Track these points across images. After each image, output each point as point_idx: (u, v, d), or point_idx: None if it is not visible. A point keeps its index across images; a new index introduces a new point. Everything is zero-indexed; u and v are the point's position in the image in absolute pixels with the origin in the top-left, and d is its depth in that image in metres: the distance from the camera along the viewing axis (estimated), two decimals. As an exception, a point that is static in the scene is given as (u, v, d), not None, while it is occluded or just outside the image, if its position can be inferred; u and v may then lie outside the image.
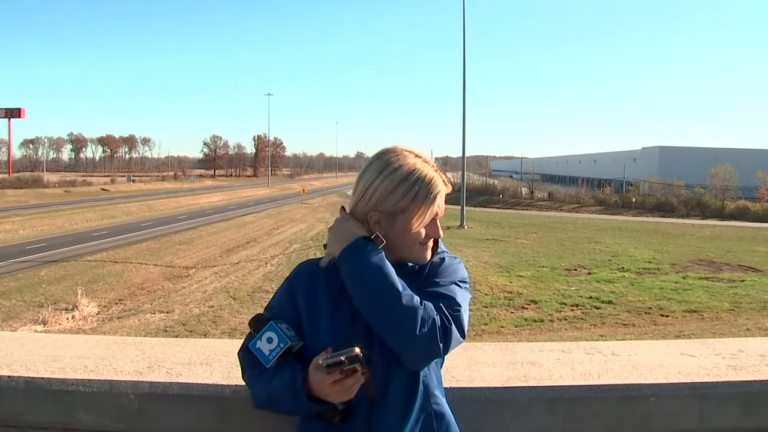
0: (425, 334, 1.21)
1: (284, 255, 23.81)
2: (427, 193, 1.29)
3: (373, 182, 1.29)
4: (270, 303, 1.41)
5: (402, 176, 1.28)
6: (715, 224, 36.50)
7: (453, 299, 1.29)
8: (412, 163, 1.30)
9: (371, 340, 1.27)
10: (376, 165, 1.31)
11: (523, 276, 17.50)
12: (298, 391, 1.25)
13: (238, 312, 14.87)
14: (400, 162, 1.30)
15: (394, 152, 1.33)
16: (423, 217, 1.30)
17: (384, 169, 1.30)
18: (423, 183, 1.29)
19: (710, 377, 1.69)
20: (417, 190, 1.28)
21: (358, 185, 1.33)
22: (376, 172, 1.30)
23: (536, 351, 1.93)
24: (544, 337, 11.94)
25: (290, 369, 1.28)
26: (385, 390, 1.28)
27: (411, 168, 1.29)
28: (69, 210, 44.30)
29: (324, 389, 1.22)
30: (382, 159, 1.32)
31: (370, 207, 1.30)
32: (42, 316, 15.58)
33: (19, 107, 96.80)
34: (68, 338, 2.25)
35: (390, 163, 1.30)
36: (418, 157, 1.32)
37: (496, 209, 50.98)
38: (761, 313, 13.30)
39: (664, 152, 60.58)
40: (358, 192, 1.32)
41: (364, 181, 1.31)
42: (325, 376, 1.21)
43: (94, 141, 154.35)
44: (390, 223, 1.30)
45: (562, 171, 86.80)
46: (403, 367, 1.28)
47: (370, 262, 1.24)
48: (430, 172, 1.31)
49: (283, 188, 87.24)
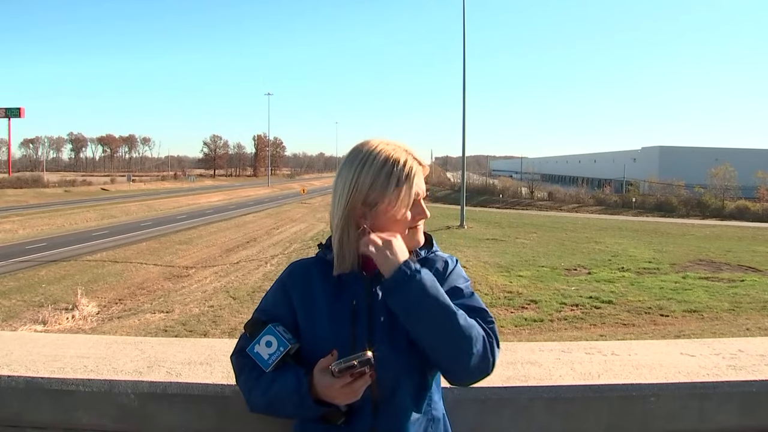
0: (480, 353, 1.22)
1: (284, 255, 23.81)
2: (405, 176, 1.28)
3: (352, 179, 1.27)
4: (262, 305, 1.38)
5: (378, 166, 1.27)
6: (715, 224, 36.46)
7: (485, 311, 1.30)
8: (384, 150, 1.29)
9: (375, 341, 1.26)
10: (350, 162, 1.30)
11: (523, 276, 17.49)
12: (304, 396, 1.23)
13: (237, 312, 14.86)
14: (372, 153, 1.29)
15: (364, 146, 1.31)
16: (405, 200, 1.29)
17: (359, 164, 1.28)
18: (398, 167, 1.27)
19: (710, 377, 1.69)
20: (394, 176, 1.27)
21: (337, 186, 1.31)
22: (352, 169, 1.28)
23: (536, 351, 1.92)
24: (544, 336, 11.94)
25: (293, 373, 1.26)
26: (394, 393, 1.27)
27: (384, 156, 1.28)
28: (69, 210, 44.30)
29: (332, 393, 1.21)
30: (354, 155, 1.30)
31: (354, 204, 1.28)
32: (42, 316, 15.59)
33: (19, 107, 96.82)
34: (68, 338, 2.24)
35: (363, 156, 1.29)
36: (388, 144, 1.31)
37: (496, 209, 50.96)
38: (761, 313, 13.29)
39: (664, 152, 60.57)
40: (339, 192, 1.29)
41: (343, 180, 1.29)
42: (335, 380, 1.19)
43: (94, 141, 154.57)
44: (376, 214, 1.28)
45: (562, 171, 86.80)
46: (414, 371, 1.28)
47: (426, 286, 1.20)
48: (403, 156, 1.29)
49: (283, 188, 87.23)
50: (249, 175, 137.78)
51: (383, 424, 1.27)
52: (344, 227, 1.29)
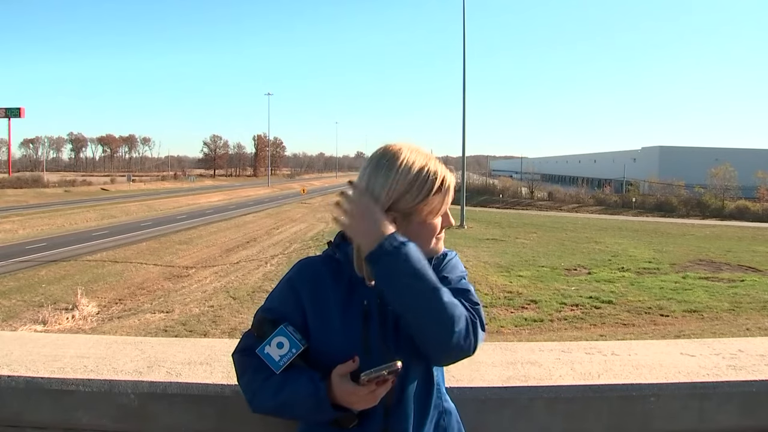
0: (462, 332, 1.20)
1: (284, 255, 23.80)
2: (441, 185, 1.28)
3: (385, 184, 1.25)
4: (268, 304, 1.33)
5: (414, 173, 1.26)
6: (715, 224, 36.47)
7: (469, 292, 1.29)
8: (419, 159, 1.28)
9: (386, 341, 1.25)
10: (382, 166, 1.26)
11: (523, 276, 17.49)
12: (322, 400, 1.21)
13: (238, 312, 14.86)
14: (408, 160, 1.27)
15: (397, 151, 1.28)
16: (439, 209, 1.29)
17: (393, 169, 1.25)
18: (436, 177, 1.27)
19: (710, 377, 1.69)
20: (431, 185, 1.26)
21: (367, 189, 1.26)
22: (384, 172, 1.26)
23: (536, 351, 1.92)
24: (544, 336, 11.93)
25: (307, 377, 1.23)
26: (402, 391, 1.27)
27: (421, 164, 1.27)
28: (69, 210, 44.30)
29: (353, 399, 1.20)
30: (388, 159, 1.27)
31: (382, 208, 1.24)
32: (42, 316, 15.58)
33: (19, 107, 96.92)
34: (68, 338, 2.24)
35: (399, 162, 1.26)
36: (419, 152, 1.30)
37: (496, 209, 50.99)
38: (761, 313, 13.29)
39: (664, 152, 60.57)
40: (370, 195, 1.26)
41: (372, 183, 1.26)
42: (359, 388, 1.18)
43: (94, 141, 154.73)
44: (406, 222, 1.27)
45: (562, 171, 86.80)
46: (420, 367, 1.28)
47: (414, 260, 1.18)
48: (439, 166, 1.29)
49: (283, 188, 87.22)
50: (249, 175, 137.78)
51: (395, 425, 1.26)
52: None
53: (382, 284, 1.21)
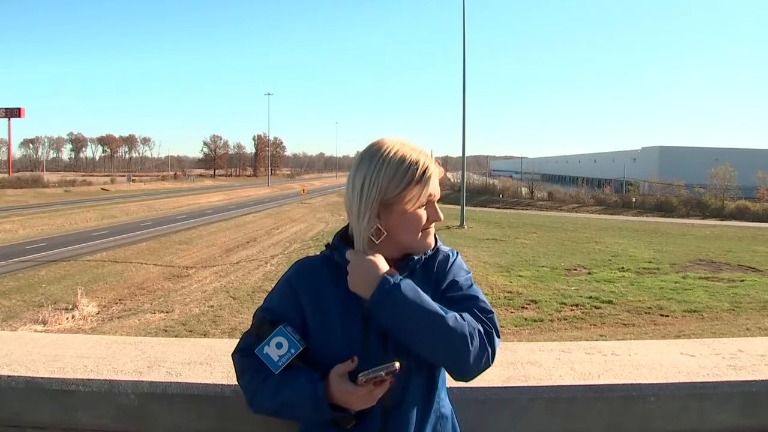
0: (477, 347, 1.21)
1: (284, 255, 23.80)
2: (422, 174, 1.27)
3: (370, 176, 1.26)
4: (267, 304, 1.34)
5: (396, 163, 1.26)
6: (715, 224, 36.43)
7: (482, 301, 1.29)
8: (402, 149, 1.28)
9: (385, 342, 1.26)
10: (367, 159, 1.28)
11: (523, 276, 17.49)
12: (320, 400, 1.21)
13: (238, 312, 14.86)
14: (391, 151, 1.28)
15: (382, 144, 1.30)
16: (418, 198, 1.28)
17: (377, 161, 1.27)
18: (416, 166, 1.27)
19: (710, 377, 1.69)
20: (411, 174, 1.26)
21: (354, 184, 1.28)
22: (369, 166, 1.27)
23: (536, 351, 1.92)
24: (544, 336, 11.93)
25: (306, 377, 1.24)
26: (404, 394, 1.27)
27: (402, 154, 1.27)
28: (69, 210, 44.29)
29: (351, 399, 1.20)
30: (372, 153, 1.29)
31: (371, 202, 1.26)
32: (42, 316, 15.58)
33: (19, 107, 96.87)
34: (68, 338, 2.24)
35: (381, 154, 1.27)
36: (404, 144, 1.30)
37: (496, 209, 50.94)
38: (761, 313, 13.29)
39: (664, 152, 60.55)
40: (357, 190, 1.27)
41: (360, 177, 1.27)
42: (357, 388, 1.19)
43: (94, 141, 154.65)
44: (389, 213, 1.28)
45: (562, 171, 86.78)
46: (421, 369, 1.28)
47: (408, 297, 1.20)
48: (421, 156, 1.29)
49: (283, 188, 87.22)
50: (249, 175, 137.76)
51: (393, 426, 1.27)
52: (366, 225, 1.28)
53: (388, 327, 1.24)
